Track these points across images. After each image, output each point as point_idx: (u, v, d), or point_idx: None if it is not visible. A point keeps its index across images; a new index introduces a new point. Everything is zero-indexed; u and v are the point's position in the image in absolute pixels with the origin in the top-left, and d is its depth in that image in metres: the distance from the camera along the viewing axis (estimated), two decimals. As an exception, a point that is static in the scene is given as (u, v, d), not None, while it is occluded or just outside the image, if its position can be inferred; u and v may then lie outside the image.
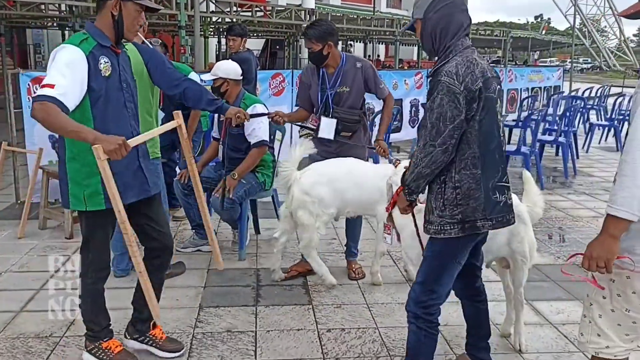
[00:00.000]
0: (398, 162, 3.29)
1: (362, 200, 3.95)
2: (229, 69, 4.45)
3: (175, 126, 2.82)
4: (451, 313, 3.66)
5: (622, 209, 1.92)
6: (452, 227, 2.39)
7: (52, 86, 2.41)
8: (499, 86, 2.44)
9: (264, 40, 25.86)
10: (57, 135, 5.23)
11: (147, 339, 3.11)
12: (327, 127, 4.04)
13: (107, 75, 2.64)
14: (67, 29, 16.26)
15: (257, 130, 4.33)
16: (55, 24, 17.75)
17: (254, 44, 22.26)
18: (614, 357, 2.14)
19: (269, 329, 3.41)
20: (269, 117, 4.15)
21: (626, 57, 53.35)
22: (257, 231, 5.19)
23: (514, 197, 3.23)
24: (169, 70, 3.21)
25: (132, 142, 2.51)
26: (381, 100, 4.19)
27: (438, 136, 2.26)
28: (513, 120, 10.63)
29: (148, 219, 2.96)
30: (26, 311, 3.57)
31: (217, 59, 15.06)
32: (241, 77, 4.48)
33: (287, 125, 7.97)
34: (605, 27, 61.50)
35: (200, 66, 11.00)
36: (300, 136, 8.24)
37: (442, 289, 2.51)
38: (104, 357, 2.93)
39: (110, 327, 3.03)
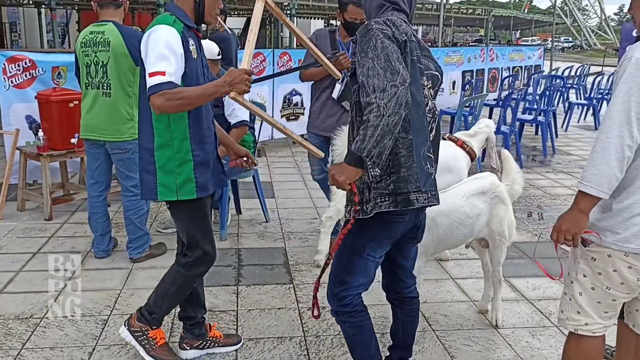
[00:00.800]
0: None
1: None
2: (205, 49, 4.38)
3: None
4: (430, 290, 3.73)
5: (591, 186, 1.97)
6: (382, 200, 2.16)
7: (162, 73, 2.33)
8: (429, 64, 2.28)
9: (245, 19, 25.58)
10: (36, 118, 5.17)
11: (209, 342, 2.96)
12: (337, 90, 4.05)
13: (195, 57, 2.56)
14: (43, 6, 15.91)
15: (237, 110, 4.30)
16: (31, 2, 17.36)
17: (235, 23, 22.01)
18: (592, 334, 2.18)
19: (250, 308, 3.44)
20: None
21: (606, 35, 53.73)
22: (239, 211, 5.20)
23: (493, 177, 3.26)
24: None
25: (245, 65, 2.42)
26: None
27: (395, 75, 1.99)
28: (494, 100, 10.70)
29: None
30: (6, 293, 3.55)
31: (198, 38, 14.76)
32: (219, 57, 4.44)
33: (268, 104, 7.98)
34: (587, 5, 61.80)
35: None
36: (282, 117, 8.24)
37: (354, 279, 2.30)
38: (146, 345, 2.77)
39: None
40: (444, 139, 4.45)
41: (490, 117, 10.52)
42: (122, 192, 4.05)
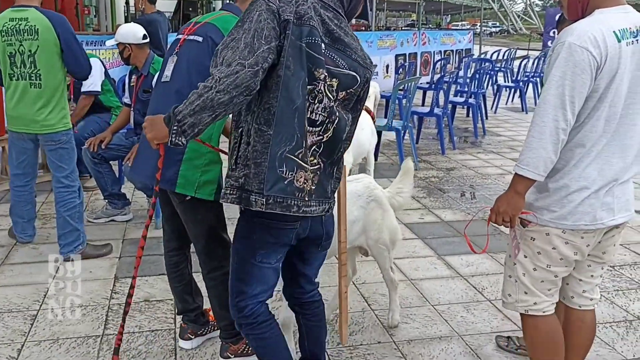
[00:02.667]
0: None
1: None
2: (128, 32, 4.24)
3: None
4: (368, 271, 3.77)
5: (527, 169, 2.02)
6: (230, 192, 1.97)
7: None
8: (341, 60, 1.98)
9: (175, 1, 24.89)
10: None
11: (211, 326, 2.89)
12: None
13: None
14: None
15: (91, 77, 4.24)
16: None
17: (166, 6, 21.37)
18: (543, 313, 2.24)
19: (189, 296, 3.37)
20: None
21: (531, 20, 55.67)
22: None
23: (369, 178, 3.05)
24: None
25: None
26: None
27: (251, 55, 1.79)
28: (427, 83, 10.91)
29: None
30: None
31: (126, 21, 14.33)
32: (146, 41, 4.29)
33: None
34: (513, -9, 63.72)
35: (106, 28, 10.44)
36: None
37: (251, 289, 2.12)
38: (249, 352, 2.65)
39: None
40: None
41: (423, 100, 10.77)
42: (53, 182, 3.85)
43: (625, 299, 3.45)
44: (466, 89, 8.93)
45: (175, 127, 1.79)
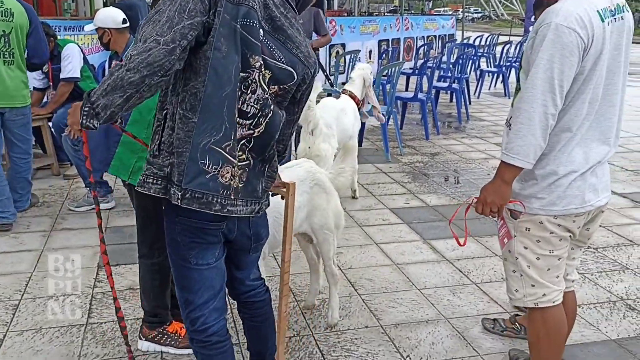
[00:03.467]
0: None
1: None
2: (107, 17, 4.15)
3: None
4: (354, 256, 3.77)
5: (518, 157, 1.94)
6: (154, 181, 1.78)
7: None
8: (278, 53, 1.80)
9: (155, -14, 24.52)
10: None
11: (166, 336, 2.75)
12: None
13: None
14: None
15: (70, 64, 4.41)
16: None
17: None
18: (553, 303, 2.18)
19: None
20: None
21: (513, 6, 55.81)
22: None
23: (310, 162, 2.92)
24: None
25: None
26: None
27: (169, 30, 1.62)
28: (410, 69, 10.89)
29: None
30: None
31: (105, 5, 14.09)
32: (125, 25, 4.20)
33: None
34: (494, -23, 63.73)
35: (84, 13, 10.25)
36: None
37: (196, 297, 1.90)
38: (172, 342, 2.67)
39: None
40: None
41: (407, 86, 10.75)
42: (17, 154, 4.25)
43: (608, 280, 3.49)
44: (449, 74, 8.93)
45: (86, 109, 1.63)
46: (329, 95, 5.50)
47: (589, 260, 3.73)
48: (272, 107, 1.80)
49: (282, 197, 2.36)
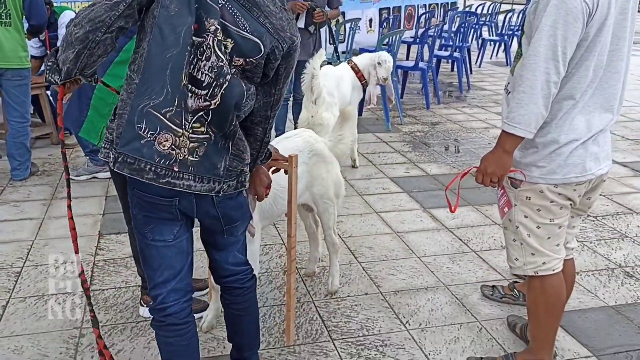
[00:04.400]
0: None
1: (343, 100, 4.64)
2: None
3: None
4: (355, 224, 3.78)
5: (519, 127, 1.91)
6: (106, 146, 1.77)
7: None
8: (242, 21, 1.68)
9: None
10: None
11: None
12: (301, 20, 4.78)
13: None
14: None
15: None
16: None
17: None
18: (552, 271, 2.18)
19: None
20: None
21: (516, -26, 55.08)
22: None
23: (308, 132, 2.89)
24: None
25: None
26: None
27: None
28: (411, 37, 10.76)
29: None
30: None
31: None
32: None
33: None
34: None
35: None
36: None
37: (156, 274, 1.84)
38: None
39: None
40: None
41: (408, 55, 10.64)
42: (14, 118, 4.28)
43: (607, 248, 3.50)
44: (451, 43, 8.83)
45: (49, 63, 1.69)
46: (329, 63, 5.44)
47: (588, 228, 3.75)
48: (227, 77, 1.68)
49: (286, 172, 2.35)
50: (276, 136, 2.86)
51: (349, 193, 4.10)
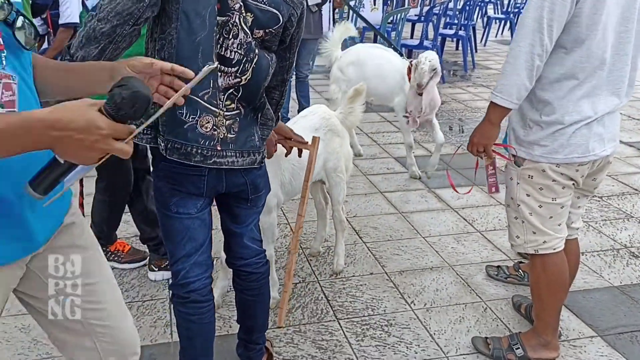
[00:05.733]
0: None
1: (380, 91, 4.34)
2: None
3: None
4: (359, 204, 3.78)
5: (501, 97, 1.95)
6: (145, 131, 1.72)
7: None
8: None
9: None
10: None
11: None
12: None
13: None
14: None
15: (68, 9, 4.35)
16: None
17: None
18: (554, 250, 2.19)
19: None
20: None
21: (521, -49, 54.31)
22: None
23: (323, 107, 2.89)
24: None
25: None
26: None
27: None
28: (415, 15, 10.65)
29: None
30: None
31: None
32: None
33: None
34: None
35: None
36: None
37: (177, 248, 1.85)
38: (115, 259, 2.97)
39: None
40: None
41: (412, 33, 10.54)
42: None
43: (612, 229, 3.50)
44: (456, 21, 8.73)
45: (66, 60, 1.57)
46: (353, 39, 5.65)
47: (593, 209, 3.74)
48: (257, 51, 1.71)
49: (299, 154, 2.37)
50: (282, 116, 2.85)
51: (353, 173, 4.08)
